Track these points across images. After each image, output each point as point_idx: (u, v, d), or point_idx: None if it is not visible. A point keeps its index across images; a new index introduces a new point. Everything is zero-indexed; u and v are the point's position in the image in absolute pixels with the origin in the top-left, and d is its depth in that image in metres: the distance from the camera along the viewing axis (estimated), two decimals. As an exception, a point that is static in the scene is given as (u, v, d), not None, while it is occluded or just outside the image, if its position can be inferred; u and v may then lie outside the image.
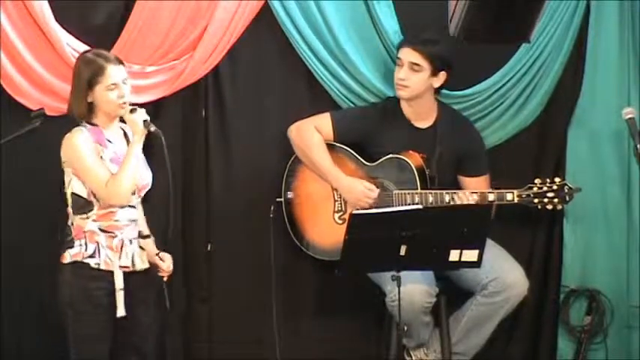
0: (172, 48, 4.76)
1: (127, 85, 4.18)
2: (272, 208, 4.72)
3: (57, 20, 4.64)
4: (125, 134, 4.27)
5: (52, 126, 4.54)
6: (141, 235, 4.26)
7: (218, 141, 4.92)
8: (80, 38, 4.70)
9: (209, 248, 4.85)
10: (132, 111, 4.15)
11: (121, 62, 4.19)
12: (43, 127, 4.33)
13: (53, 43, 4.63)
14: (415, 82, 4.71)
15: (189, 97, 4.85)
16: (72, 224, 4.18)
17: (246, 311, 4.97)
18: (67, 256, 4.14)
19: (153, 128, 4.11)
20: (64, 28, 4.66)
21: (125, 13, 4.76)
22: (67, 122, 4.68)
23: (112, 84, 4.14)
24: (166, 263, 4.26)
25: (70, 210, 4.19)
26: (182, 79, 4.76)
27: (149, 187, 4.25)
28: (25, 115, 4.43)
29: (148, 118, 4.13)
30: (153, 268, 4.27)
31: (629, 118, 4.29)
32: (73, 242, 4.15)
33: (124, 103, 4.16)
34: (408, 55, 4.70)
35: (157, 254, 4.25)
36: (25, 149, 4.59)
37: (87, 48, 4.68)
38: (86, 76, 4.15)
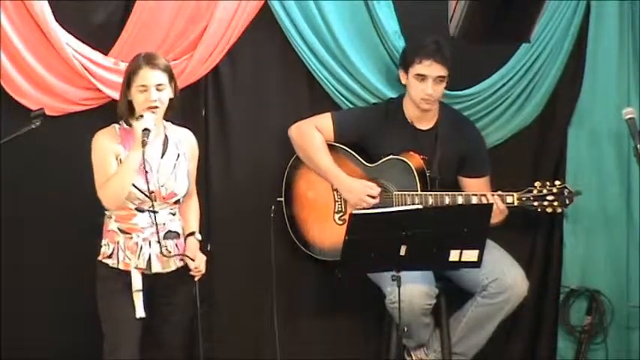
0: (172, 48, 4.76)
1: (163, 91, 4.19)
2: (272, 208, 4.72)
3: (57, 20, 4.64)
4: (166, 139, 4.28)
5: (52, 126, 4.55)
6: (179, 235, 4.29)
7: (218, 141, 4.92)
8: (80, 38, 4.69)
9: (209, 248, 4.85)
10: (140, 117, 4.16)
11: (159, 68, 4.19)
12: (43, 127, 4.33)
13: (53, 43, 4.63)
14: (440, 92, 4.71)
15: (189, 97, 4.85)
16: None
17: (246, 311, 4.97)
18: (100, 254, 4.23)
19: (147, 139, 4.07)
20: (64, 28, 4.66)
21: (125, 13, 4.76)
22: (67, 122, 4.71)
23: (142, 85, 4.18)
24: (194, 264, 4.25)
25: None
26: (182, 79, 4.75)
27: (178, 197, 4.26)
28: (25, 115, 4.43)
29: (151, 128, 4.11)
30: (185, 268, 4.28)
31: (629, 118, 4.29)
32: (103, 240, 4.24)
33: (150, 108, 4.16)
34: (434, 70, 4.65)
35: (185, 256, 4.25)
36: (25, 149, 4.59)
37: (86, 48, 4.69)
38: (126, 74, 4.23)
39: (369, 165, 4.75)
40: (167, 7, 4.74)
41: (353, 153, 4.78)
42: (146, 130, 4.09)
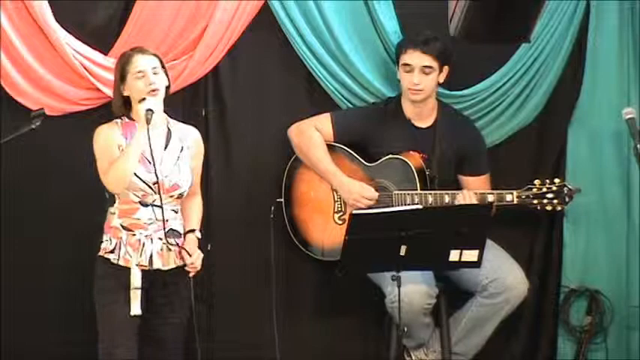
0: (172, 48, 4.76)
1: (158, 74, 4.21)
2: (272, 208, 4.72)
3: (57, 20, 4.65)
4: (169, 132, 4.30)
5: (52, 126, 4.55)
6: (181, 234, 4.29)
7: (218, 141, 4.92)
8: (80, 38, 4.70)
9: (209, 248, 4.85)
10: (142, 100, 4.17)
11: (150, 53, 4.23)
12: (43, 127, 4.33)
13: (53, 43, 4.63)
14: (428, 85, 4.71)
15: (189, 97, 4.85)
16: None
17: (246, 311, 4.97)
18: (100, 250, 4.22)
19: (151, 118, 4.08)
20: (64, 28, 4.67)
21: (125, 13, 4.76)
22: (67, 122, 4.71)
23: (139, 71, 4.19)
24: (190, 259, 4.25)
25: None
26: (182, 79, 4.76)
27: (181, 190, 4.26)
28: (25, 115, 4.43)
29: (154, 109, 4.11)
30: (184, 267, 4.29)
31: (629, 118, 4.29)
32: (104, 236, 4.23)
33: (153, 90, 4.18)
34: (418, 59, 4.67)
35: (182, 249, 4.26)
36: (25, 149, 4.59)
37: (86, 48, 4.70)
38: (119, 69, 4.24)
39: (369, 164, 4.75)
40: (167, 7, 4.74)
41: (352, 153, 4.78)
42: (149, 110, 4.10)
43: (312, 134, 4.77)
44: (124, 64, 4.22)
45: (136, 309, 4.13)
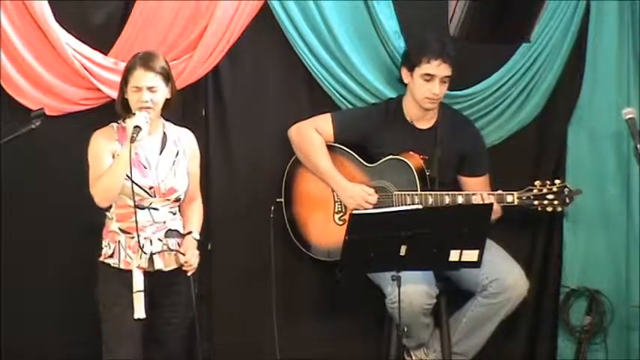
0: (172, 48, 4.76)
1: (155, 93, 4.21)
2: (272, 208, 4.72)
3: (57, 20, 4.64)
4: (165, 136, 4.30)
5: (52, 126, 4.55)
6: (181, 234, 4.30)
7: (218, 141, 4.92)
8: (80, 38, 4.70)
9: (209, 248, 4.85)
10: (132, 115, 4.17)
11: (154, 70, 4.20)
12: (43, 127, 4.33)
13: (53, 43, 4.63)
14: (444, 92, 4.72)
15: (189, 97, 4.85)
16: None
17: (246, 311, 4.97)
18: (101, 256, 4.23)
19: (137, 136, 4.08)
20: (64, 28, 4.66)
21: (125, 13, 4.76)
22: (67, 122, 4.71)
23: (135, 87, 4.20)
24: (184, 258, 4.24)
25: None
26: (182, 79, 4.75)
27: (178, 193, 4.27)
28: (25, 115, 4.43)
29: (142, 125, 4.11)
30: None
31: (629, 118, 4.30)
32: (103, 242, 4.24)
33: (143, 108, 4.18)
34: (442, 70, 4.65)
35: (177, 251, 4.25)
36: (25, 149, 4.59)
37: (86, 48, 4.69)
38: (124, 72, 4.26)
39: (369, 165, 4.75)
40: (167, 7, 4.74)
41: (352, 153, 4.78)
42: (137, 128, 4.11)
43: (312, 136, 4.76)
44: (127, 72, 4.24)
45: (139, 312, 4.13)
